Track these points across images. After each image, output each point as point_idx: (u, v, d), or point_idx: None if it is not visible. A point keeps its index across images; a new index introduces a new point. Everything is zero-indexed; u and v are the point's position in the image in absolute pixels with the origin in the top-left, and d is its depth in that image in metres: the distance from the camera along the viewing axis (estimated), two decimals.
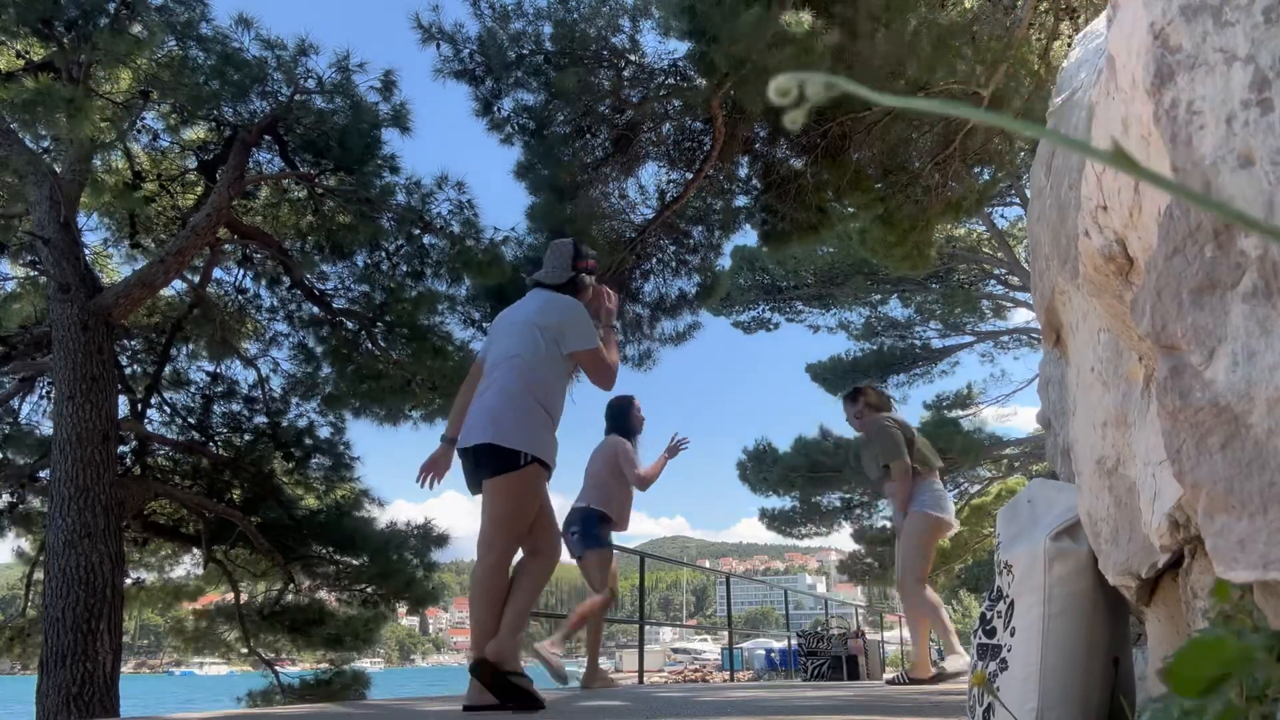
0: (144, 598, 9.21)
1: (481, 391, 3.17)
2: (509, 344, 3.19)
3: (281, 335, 8.93)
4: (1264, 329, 0.71)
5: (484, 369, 3.28)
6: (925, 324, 18.10)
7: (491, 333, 3.40)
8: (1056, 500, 1.73)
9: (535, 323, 3.19)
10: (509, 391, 3.06)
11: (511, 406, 3.04)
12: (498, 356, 3.20)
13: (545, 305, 3.28)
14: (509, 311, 3.40)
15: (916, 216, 7.11)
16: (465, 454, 3.09)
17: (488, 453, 2.99)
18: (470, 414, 3.12)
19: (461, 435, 3.10)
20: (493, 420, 3.01)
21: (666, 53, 6.60)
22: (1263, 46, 0.73)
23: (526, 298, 3.41)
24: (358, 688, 8.65)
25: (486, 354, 3.33)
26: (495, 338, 3.31)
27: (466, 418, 3.13)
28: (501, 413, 3.02)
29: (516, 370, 3.11)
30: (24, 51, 6.50)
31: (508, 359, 3.15)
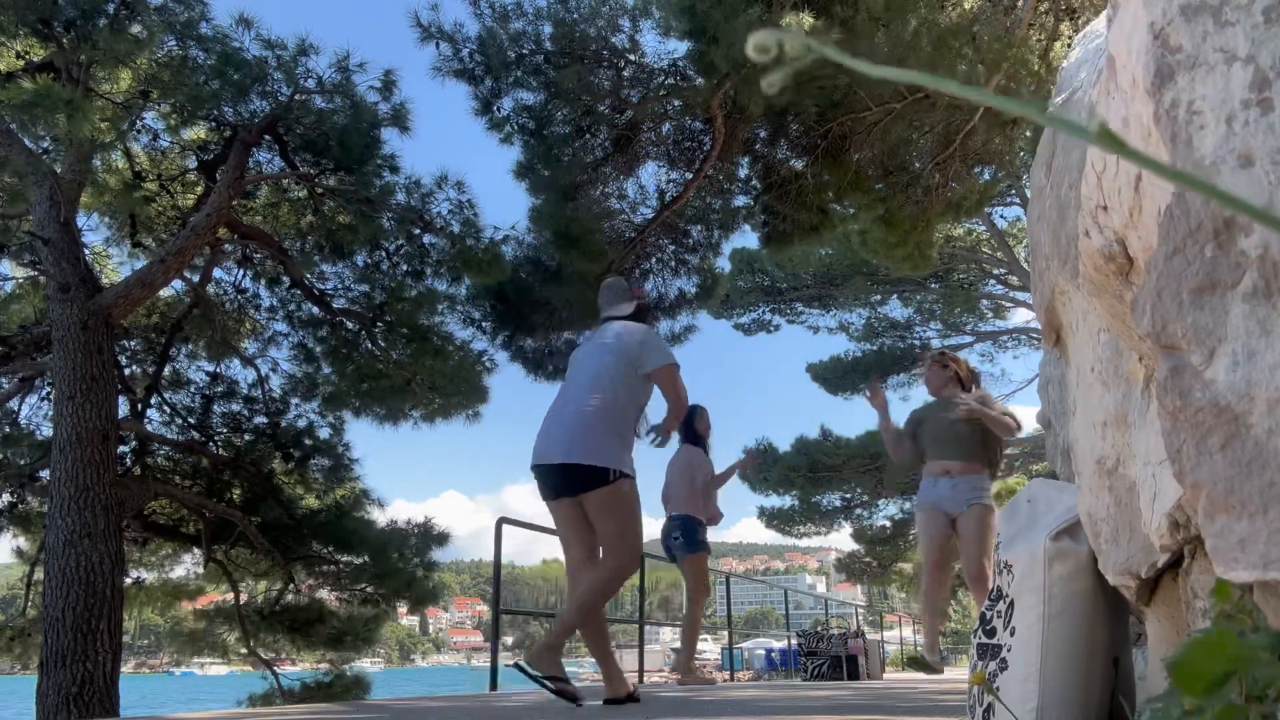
0: (144, 597, 9.21)
1: (559, 410, 3.39)
2: (586, 369, 3.46)
3: (281, 335, 8.93)
4: (1264, 329, 0.71)
5: (562, 390, 3.55)
6: (925, 324, 18.10)
7: (572, 361, 3.66)
8: (1056, 500, 1.73)
9: (611, 347, 3.45)
10: (586, 412, 3.30)
11: (592, 426, 3.27)
12: (576, 380, 3.47)
13: (622, 331, 3.52)
14: (586, 341, 3.73)
15: (917, 217, 7.11)
16: (549, 469, 3.28)
17: (575, 471, 3.23)
18: (550, 431, 3.33)
19: (542, 451, 3.31)
20: (577, 439, 3.24)
21: (666, 53, 6.60)
22: (1263, 46, 0.73)
23: (602, 329, 3.65)
24: (358, 690, 8.65)
25: (567, 378, 3.61)
26: (575, 364, 3.58)
27: (546, 434, 3.33)
28: (583, 433, 3.25)
29: (593, 392, 3.35)
30: (23, 52, 6.50)
31: (585, 382, 3.40)
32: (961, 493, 4.76)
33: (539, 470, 3.33)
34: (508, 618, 5.30)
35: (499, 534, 5.43)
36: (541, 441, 3.34)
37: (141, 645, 77.32)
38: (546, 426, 3.37)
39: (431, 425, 8.52)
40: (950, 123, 6.54)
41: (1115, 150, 0.26)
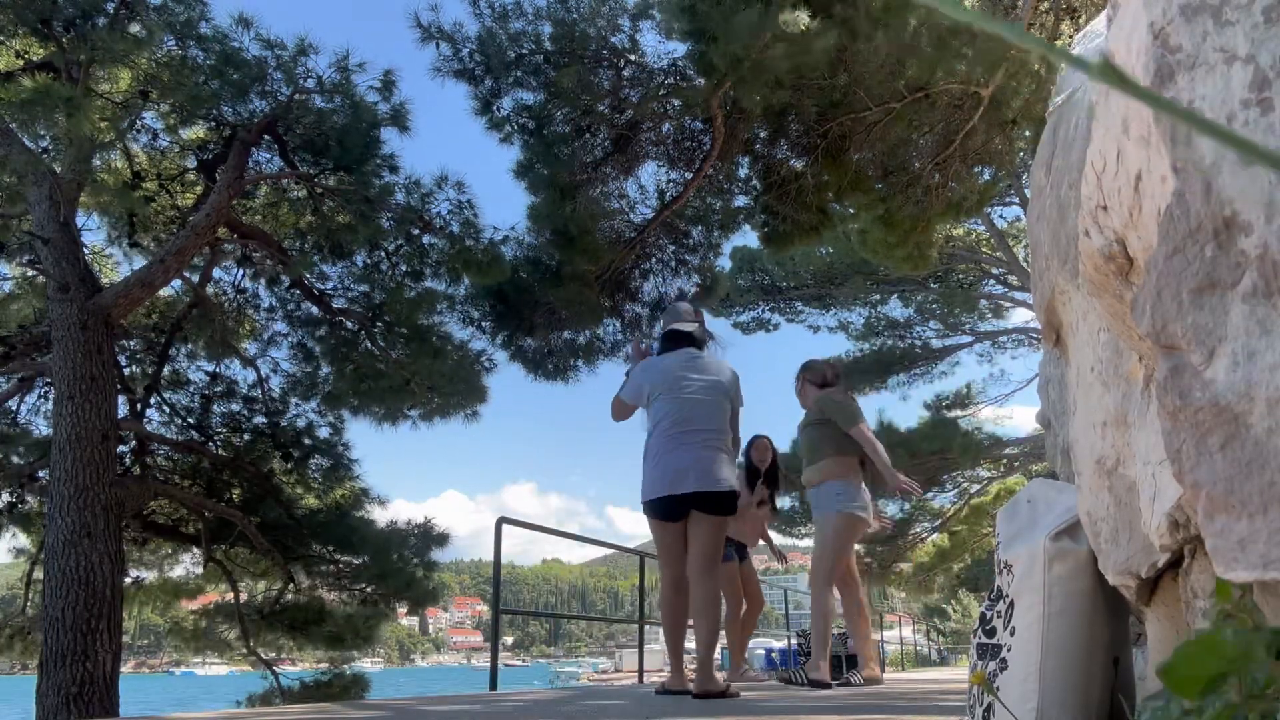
0: (144, 597, 9.21)
1: (688, 442, 3.84)
2: (707, 410, 3.91)
3: (280, 335, 8.93)
4: (1264, 329, 0.71)
5: (666, 417, 3.89)
6: (925, 324, 18.09)
7: (671, 384, 3.95)
8: (1056, 500, 1.73)
9: (727, 392, 3.98)
10: (718, 454, 3.88)
11: (725, 465, 3.87)
12: (694, 418, 3.88)
13: (725, 377, 4.01)
14: (689, 368, 4.00)
15: (917, 217, 7.10)
16: (681, 498, 3.80)
17: (716, 498, 3.82)
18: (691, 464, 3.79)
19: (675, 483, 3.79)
20: (712, 474, 3.80)
21: (666, 52, 6.59)
22: (1263, 46, 0.73)
23: (697, 361, 4.03)
24: (358, 689, 8.65)
25: (662, 400, 3.93)
26: (684, 398, 3.91)
27: (683, 466, 3.79)
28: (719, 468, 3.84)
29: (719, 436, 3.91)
30: (23, 51, 6.50)
31: (709, 429, 3.89)
32: (816, 502, 4.96)
33: (670, 502, 3.84)
34: (507, 618, 5.29)
35: (499, 534, 5.43)
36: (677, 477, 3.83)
37: (141, 645, 77.31)
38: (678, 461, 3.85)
39: (430, 425, 8.52)
40: (950, 123, 6.54)
41: (1115, 84, 0.26)
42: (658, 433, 3.86)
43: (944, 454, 14.70)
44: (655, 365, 4.01)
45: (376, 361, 8.03)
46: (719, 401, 3.89)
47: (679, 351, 4.02)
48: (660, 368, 3.99)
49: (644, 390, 3.98)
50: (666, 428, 3.83)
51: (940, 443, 14.62)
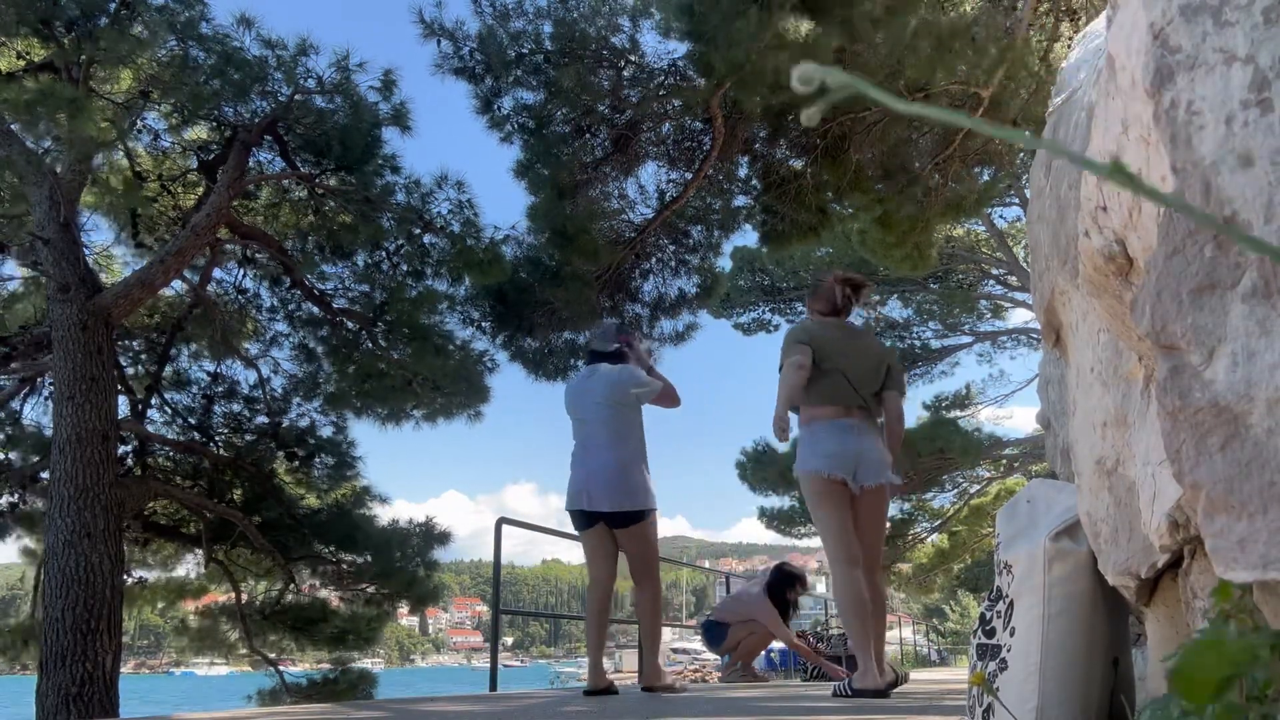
0: (145, 597, 9.21)
1: (589, 462, 4.07)
2: (602, 424, 4.10)
3: (282, 335, 8.93)
4: (1264, 329, 0.72)
5: (575, 435, 4.21)
6: (924, 324, 18.08)
7: (577, 404, 4.23)
8: (1056, 500, 1.73)
9: (613, 401, 4.09)
10: (623, 464, 4.01)
11: (628, 475, 4.00)
12: (592, 434, 4.11)
13: (611, 383, 4.14)
14: (584, 384, 4.25)
15: (917, 217, 7.10)
16: (590, 514, 4.01)
17: (624, 515, 4.00)
18: (589, 481, 4.01)
19: (579, 498, 4.02)
20: (617, 490, 3.97)
21: (666, 53, 6.60)
22: (1262, 46, 0.74)
23: (595, 373, 4.24)
24: (364, 687, 8.65)
25: (572, 417, 4.26)
26: (585, 416, 4.17)
27: (582, 481, 4.04)
28: (622, 482, 3.98)
29: (617, 442, 4.05)
30: (24, 52, 6.50)
31: (607, 439, 4.07)
32: None
33: (583, 515, 4.08)
34: (507, 618, 5.31)
35: (499, 534, 5.43)
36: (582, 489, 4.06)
37: (141, 645, 77.30)
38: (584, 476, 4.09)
39: (433, 425, 8.52)
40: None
41: (1128, 186, 0.26)
42: (574, 447, 4.19)
43: (944, 454, 14.68)
44: (567, 386, 4.39)
45: (378, 361, 8.03)
46: (613, 408, 4.08)
47: (586, 369, 4.32)
48: (568, 388, 4.36)
49: (567, 404, 4.31)
50: (576, 445, 4.16)
51: (940, 443, 14.60)
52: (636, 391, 4.14)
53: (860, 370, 3.65)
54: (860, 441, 3.58)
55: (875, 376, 3.71)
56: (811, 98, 0.31)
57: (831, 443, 3.54)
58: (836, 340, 3.70)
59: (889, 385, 3.74)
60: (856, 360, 3.67)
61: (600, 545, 4.06)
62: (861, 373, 3.65)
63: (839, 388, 3.61)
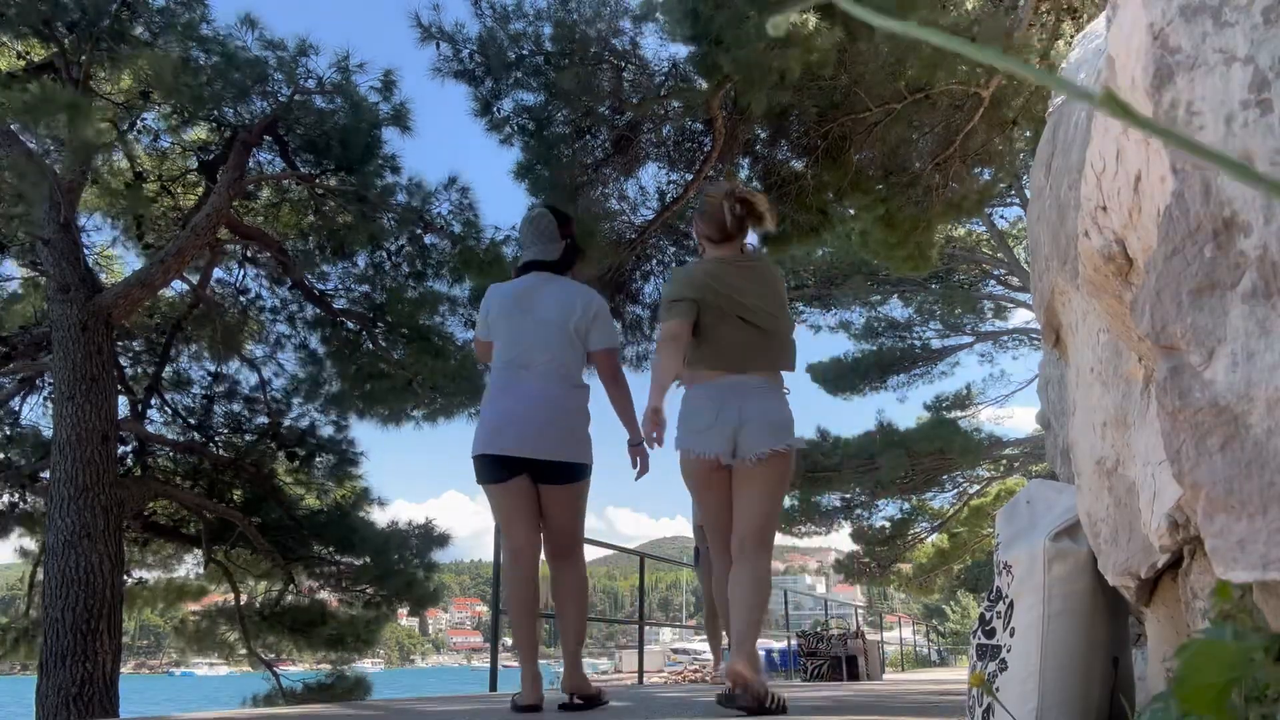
0: (145, 597, 9.21)
1: (517, 393, 3.04)
2: (544, 347, 3.09)
3: (283, 336, 8.94)
4: (1263, 329, 0.71)
5: (502, 361, 3.11)
6: (925, 324, 18.10)
7: (505, 319, 3.15)
8: (1056, 501, 1.73)
9: (566, 324, 3.11)
10: (564, 406, 3.06)
11: (569, 420, 3.06)
12: (530, 357, 3.07)
13: (568, 301, 3.17)
14: (525, 298, 3.17)
15: (918, 217, 7.10)
16: (511, 460, 2.99)
17: (556, 468, 3.03)
18: (514, 419, 2.99)
19: (498, 437, 2.98)
20: (556, 434, 3.01)
21: (667, 54, 6.61)
22: (1262, 47, 0.74)
23: (538, 284, 3.20)
24: (359, 691, 8.65)
25: (501, 341, 3.14)
26: (519, 331, 3.11)
27: (502, 420, 3.00)
28: (562, 427, 3.04)
29: (561, 379, 3.08)
30: (25, 52, 6.50)
31: (548, 366, 3.07)
32: None
33: (496, 462, 3.02)
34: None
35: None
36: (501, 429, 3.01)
37: (141, 645, 77.29)
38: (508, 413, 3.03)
39: (433, 425, 8.52)
40: (950, 123, 6.54)
41: (1119, 115, 0.26)
42: (493, 371, 3.15)
43: (944, 454, 14.69)
44: (497, 288, 3.30)
45: (379, 362, 8.03)
46: (566, 334, 3.09)
47: (530, 275, 3.27)
48: (502, 289, 3.27)
49: (487, 316, 3.23)
50: (499, 365, 3.10)
51: (940, 443, 14.60)
52: (603, 339, 3.17)
53: (762, 314, 2.88)
54: (746, 403, 2.78)
55: (777, 319, 2.92)
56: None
57: (708, 412, 2.79)
58: (728, 278, 2.89)
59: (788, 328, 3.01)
60: (757, 301, 2.88)
61: (524, 505, 3.04)
62: (763, 316, 2.88)
63: (729, 342, 2.84)
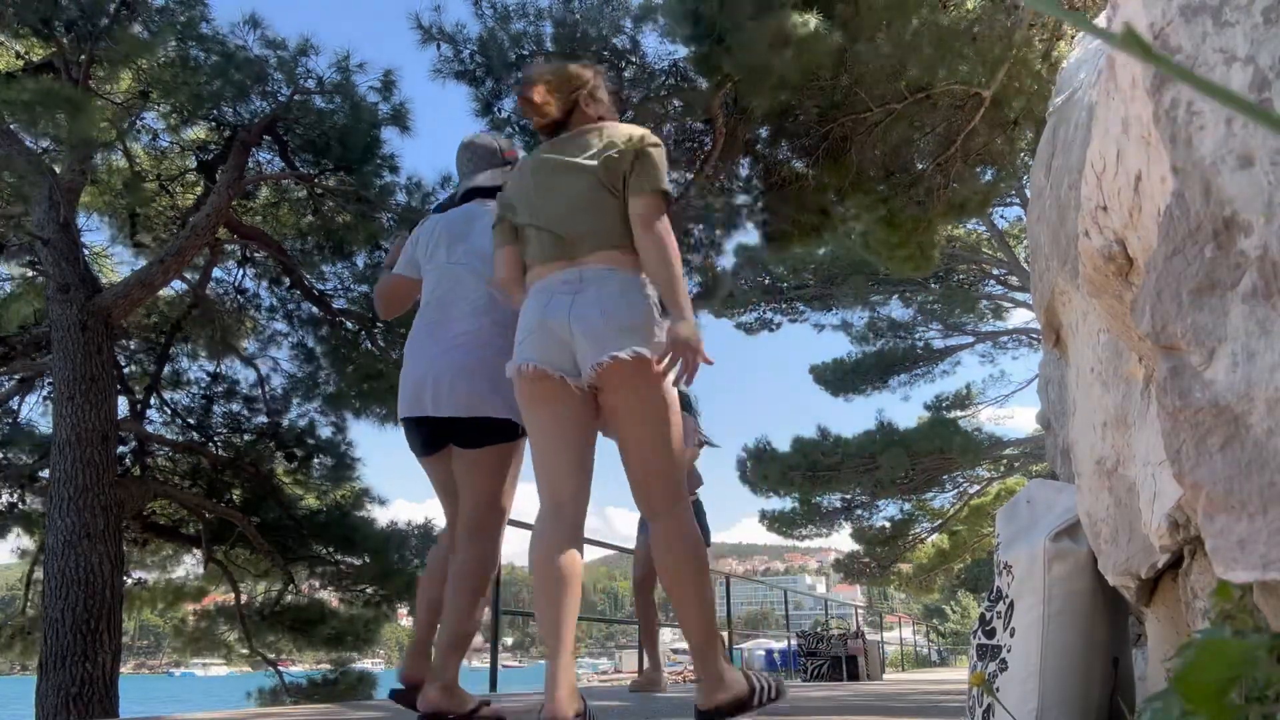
0: (145, 598, 9.22)
1: (441, 340, 2.52)
2: (475, 284, 2.54)
3: (281, 335, 8.94)
4: (1264, 329, 0.71)
5: (424, 302, 2.64)
6: (927, 324, 18.12)
7: (434, 252, 2.66)
8: (1056, 501, 1.73)
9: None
10: (488, 349, 2.46)
11: (493, 367, 2.42)
12: (456, 295, 2.55)
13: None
14: (457, 226, 2.66)
15: (919, 218, 7.10)
16: (430, 421, 2.50)
17: (475, 425, 2.44)
18: (433, 368, 2.48)
19: (417, 398, 2.51)
20: (475, 385, 2.42)
21: (667, 54, 6.61)
22: (1263, 47, 0.73)
23: (477, 212, 2.69)
24: (364, 688, 8.66)
25: (428, 280, 2.65)
26: (447, 265, 2.61)
27: (421, 370, 2.51)
28: (485, 376, 2.43)
29: (490, 321, 2.51)
30: (24, 52, 6.50)
31: (477, 305, 2.53)
32: None
33: (417, 424, 2.59)
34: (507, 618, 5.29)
35: None
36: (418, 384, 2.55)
37: (141, 646, 77.31)
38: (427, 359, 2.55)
39: None
40: (951, 123, 6.54)
41: (1139, 54, 0.25)
42: (415, 323, 2.66)
43: (944, 454, 14.71)
44: (428, 218, 2.79)
45: (377, 362, 8.03)
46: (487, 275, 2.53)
47: (466, 205, 2.73)
48: (431, 220, 2.75)
49: (413, 249, 2.73)
50: (422, 316, 2.64)
51: (940, 443, 14.62)
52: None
53: (569, 198, 2.19)
54: (574, 305, 2.08)
55: (595, 198, 2.17)
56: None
57: (530, 314, 2.14)
58: (538, 170, 2.28)
59: (634, 188, 2.17)
60: (564, 188, 2.21)
61: (451, 478, 2.58)
62: (570, 201, 2.18)
63: (544, 238, 2.23)
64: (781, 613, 16.62)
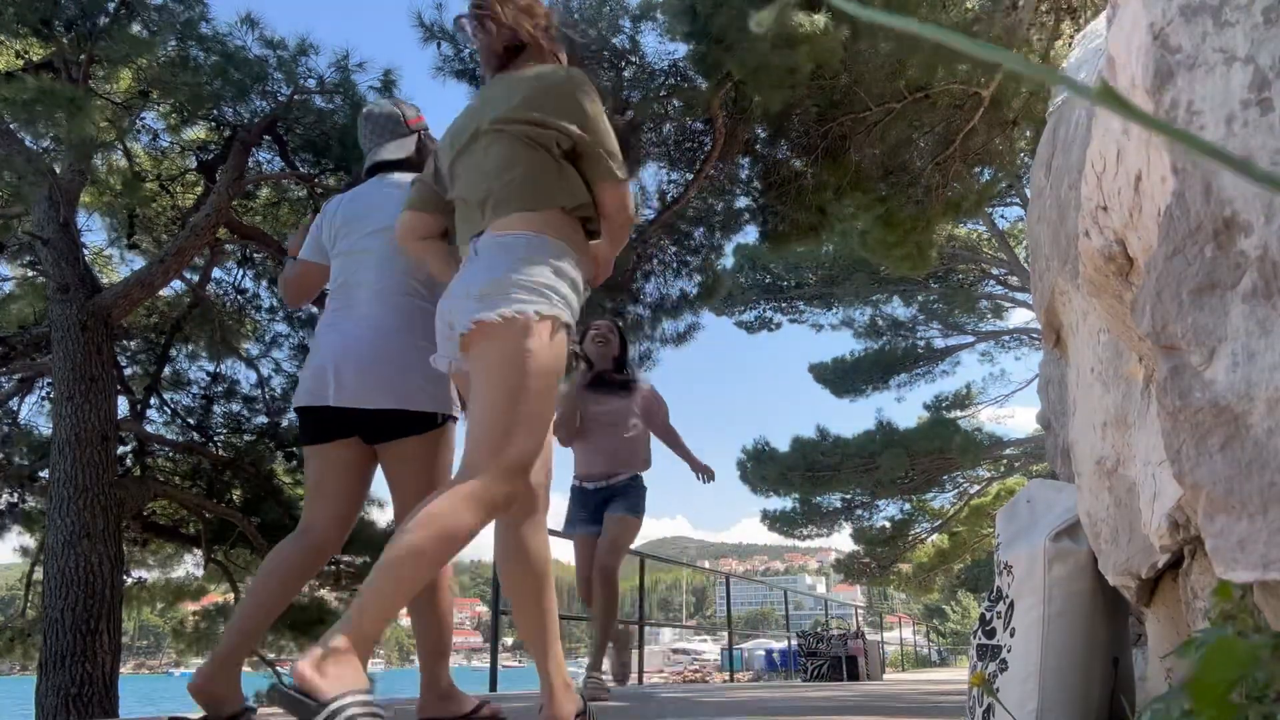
0: (145, 597, 9.22)
1: (345, 325, 2.35)
2: (377, 262, 2.39)
3: (281, 336, 8.94)
4: (1264, 329, 0.71)
5: (332, 287, 2.48)
6: (927, 324, 18.13)
7: (334, 235, 2.50)
8: (1056, 501, 1.73)
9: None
10: (394, 336, 2.30)
11: (406, 354, 2.28)
12: (361, 277, 2.40)
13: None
14: (358, 204, 2.51)
15: (917, 217, 7.11)
16: (335, 415, 2.29)
17: (381, 417, 2.29)
18: (334, 356, 2.29)
19: (317, 385, 2.29)
20: (380, 373, 2.26)
21: (667, 53, 6.61)
22: (1262, 46, 0.73)
23: (376, 188, 2.53)
24: None
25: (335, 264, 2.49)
26: (345, 257, 2.46)
27: (321, 359, 2.32)
28: (391, 364, 2.27)
29: (394, 307, 2.34)
30: (24, 51, 6.50)
31: (383, 285, 2.36)
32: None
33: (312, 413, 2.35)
34: (507, 618, 5.29)
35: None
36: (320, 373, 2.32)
37: (141, 645, 77.33)
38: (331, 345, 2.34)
39: None
40: (950, 123, 6.55)
41: (1115, 108, 0.26)
42: (327, 304, 2.48)
43: (944, 454, 14.71)
44: (329, 204, 2.60)
45: None
46: (395, 256, 2.36)
47: (367, 183, 2.57)
48: (331, 206, 2.57)
49: (318, 232, 2.56)
50: (329, 303, 2.47)
51: (940, 443, 14.63)
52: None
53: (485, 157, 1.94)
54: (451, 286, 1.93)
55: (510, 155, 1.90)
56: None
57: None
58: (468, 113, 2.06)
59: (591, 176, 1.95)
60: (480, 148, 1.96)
61: (336, 477, 2.35)
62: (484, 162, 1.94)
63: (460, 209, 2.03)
64: (781, 613, 16.62)
